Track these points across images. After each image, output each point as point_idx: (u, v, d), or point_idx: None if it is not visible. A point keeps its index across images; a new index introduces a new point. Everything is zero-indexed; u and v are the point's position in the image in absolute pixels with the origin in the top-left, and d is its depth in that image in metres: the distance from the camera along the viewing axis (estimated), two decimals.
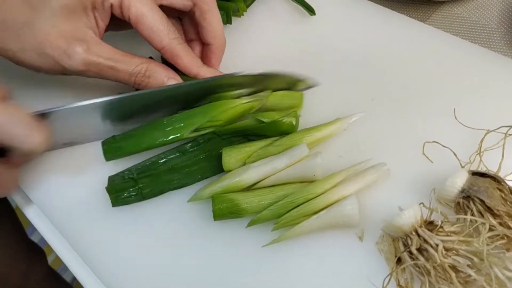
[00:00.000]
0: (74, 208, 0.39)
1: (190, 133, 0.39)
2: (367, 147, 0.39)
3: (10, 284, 0.69)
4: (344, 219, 0.34)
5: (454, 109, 0.39)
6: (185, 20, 0.44)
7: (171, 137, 0.39)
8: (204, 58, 0.43)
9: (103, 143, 0.40)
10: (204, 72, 0.40)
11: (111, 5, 0.37)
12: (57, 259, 1.13)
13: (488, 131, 0.35)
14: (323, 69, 0.44)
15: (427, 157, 0.37)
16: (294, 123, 0.39)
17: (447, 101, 0.40)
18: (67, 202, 0.40)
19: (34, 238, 1.18)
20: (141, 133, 0.39)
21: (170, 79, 0.39)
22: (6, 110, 0.31)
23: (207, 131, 0.39)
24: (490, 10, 0.50)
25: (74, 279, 1.11)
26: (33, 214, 0.40)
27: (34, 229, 1.22)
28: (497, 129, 0.35)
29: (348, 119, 0.39)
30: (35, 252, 0.78)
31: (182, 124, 0.39)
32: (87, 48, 0.35)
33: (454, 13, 0.50)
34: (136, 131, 0.39)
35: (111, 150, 0.39)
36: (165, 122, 0.39)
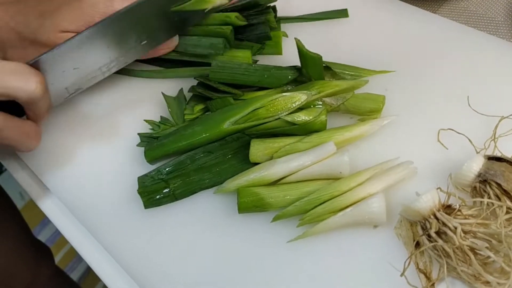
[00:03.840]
0: (100, 206, 0.40)
1: (230, 126, 0.39)
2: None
3: (17, 284, 0.69)
4: (370, 217, 0.34)
5: (468, 97, 0.39)
6: None
7: (211, 130, 0.39)
8: None
9: (144, 145, 0.40)
10: None
11: None
12: (65, 258, 1.14)
13: (502, 117, 0.36)
14: (337, 60, 0.44)
15: (442, 144, 0.38)
16: (325, 122, 0.38)
17: (460, 89, 0.41)
18: (91, 199, 0.40)
19: (41, 238, 1.18)
20: (182, 130, 0.40)
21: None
22: None
23: (248, 124, 0.39)
24: (496, 3, 0.50)
25: (81, 278, 1.11)
26: (54, 212, 0.41)
27: (41, 229, 1.22)
28: (510, 115, 0.36)
29: (380, 121, 0.39)
30: (42, 252, 0.78)
31: (222, 117, 0.39)
32: None
33: (461, 7, 0.51)
34: (176, 129, 0.40)
35: (152, 149, 0.39)
36: (205, 117, 0.39)
